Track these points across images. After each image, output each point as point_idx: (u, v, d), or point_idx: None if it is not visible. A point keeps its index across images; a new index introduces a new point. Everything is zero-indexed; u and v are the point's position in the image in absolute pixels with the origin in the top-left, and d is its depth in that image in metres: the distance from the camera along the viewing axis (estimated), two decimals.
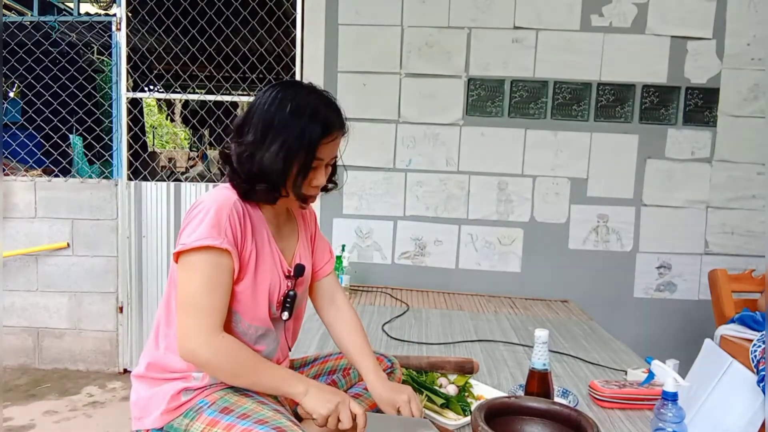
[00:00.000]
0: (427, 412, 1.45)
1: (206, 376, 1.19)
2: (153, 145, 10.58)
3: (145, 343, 3.67)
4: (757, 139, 2.98)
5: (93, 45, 4.42)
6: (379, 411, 1.35)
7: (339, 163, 1.30)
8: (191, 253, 1.12)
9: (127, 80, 3.32)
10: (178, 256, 1.14)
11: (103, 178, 3.34)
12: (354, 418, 1.13)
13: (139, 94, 3.60)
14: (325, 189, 1.30)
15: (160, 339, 1.23)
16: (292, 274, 1.30)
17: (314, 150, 1.17)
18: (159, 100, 9.64)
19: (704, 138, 3.01)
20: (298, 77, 3.13)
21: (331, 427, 1.14)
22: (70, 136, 4.15)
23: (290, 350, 1.44)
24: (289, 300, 1.29)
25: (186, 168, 8.11)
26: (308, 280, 1.39)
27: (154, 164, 4.42)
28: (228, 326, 1.17)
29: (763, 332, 1.91)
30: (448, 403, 1.49)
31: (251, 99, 3.48)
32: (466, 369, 1.67)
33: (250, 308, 1.21)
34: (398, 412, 1.23)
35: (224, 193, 1.19)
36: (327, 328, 1.45)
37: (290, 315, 1.29)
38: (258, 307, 1.22)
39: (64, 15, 3.64)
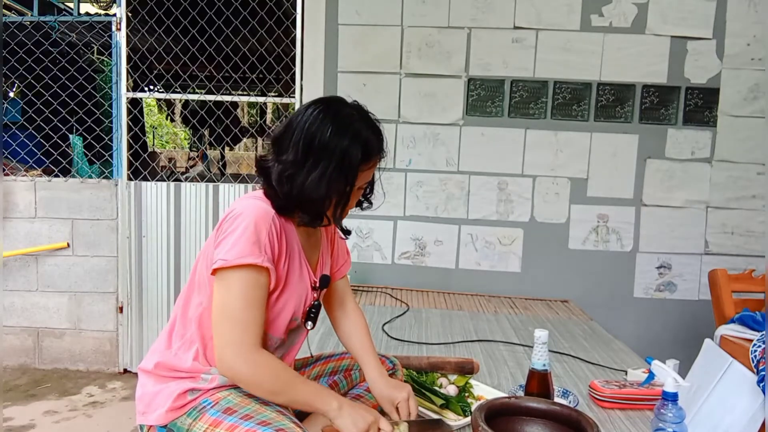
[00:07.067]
0: (427, 412, 1.45)
1: (215, 378, 1.18)
2: (153, 145, 10.58)
3: (146, 343, 3.63)
4: (757, 139, 2.98)
5: (93, 45, 4.41)
6: (380, 410, 1.35)
7: None
8: (231, 269, 1.10)
9: (127, 80, 3.31)
10: (215, 270, 1.12)
11: (103, 178, 3.34)
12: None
13: (139, 94, 3.60)
14: (360, 207, 1.32)
15: (174, 339, 1.23)
16: (317, 285, 1.31)
17: (354, 177, 1.16)
18: (159, 100, 9.63)
19: (704, 138, 3.02)
20: (298, 77, 3.13)
21: None
22: (70, 136, 4.15)
23: (312, 356, 1.46)
24: (314, 310, 1.30)
25: (186, 168, 8.11)
26: None
27: (154, 164, 4.42)
28: None
29: (763, 332, 1.91)
30: (448, 403, 1.49)
31: (251, 99, 3.50)
32: (466, 369, 1.67)
33: (272, 321, 1.21)
34: (397, 409, 1.24)
35: (261, 206, 1.16)
36: (333, 326, 1.47)
37: (314, 324, 1.31)
38: (281, 320, 1.23)
39: (64, 15, 3.63)
